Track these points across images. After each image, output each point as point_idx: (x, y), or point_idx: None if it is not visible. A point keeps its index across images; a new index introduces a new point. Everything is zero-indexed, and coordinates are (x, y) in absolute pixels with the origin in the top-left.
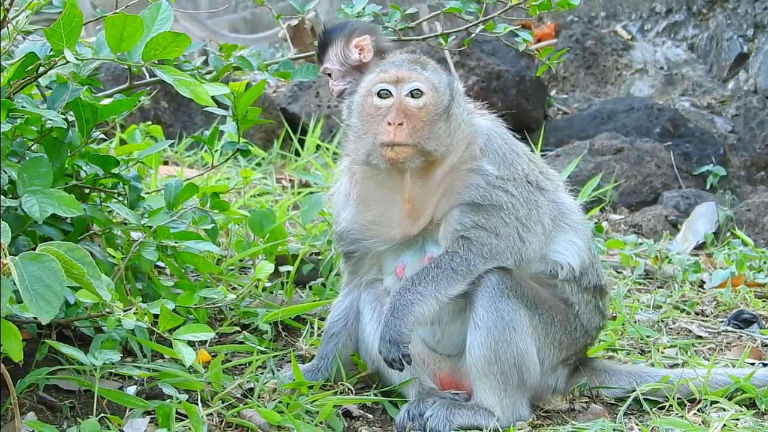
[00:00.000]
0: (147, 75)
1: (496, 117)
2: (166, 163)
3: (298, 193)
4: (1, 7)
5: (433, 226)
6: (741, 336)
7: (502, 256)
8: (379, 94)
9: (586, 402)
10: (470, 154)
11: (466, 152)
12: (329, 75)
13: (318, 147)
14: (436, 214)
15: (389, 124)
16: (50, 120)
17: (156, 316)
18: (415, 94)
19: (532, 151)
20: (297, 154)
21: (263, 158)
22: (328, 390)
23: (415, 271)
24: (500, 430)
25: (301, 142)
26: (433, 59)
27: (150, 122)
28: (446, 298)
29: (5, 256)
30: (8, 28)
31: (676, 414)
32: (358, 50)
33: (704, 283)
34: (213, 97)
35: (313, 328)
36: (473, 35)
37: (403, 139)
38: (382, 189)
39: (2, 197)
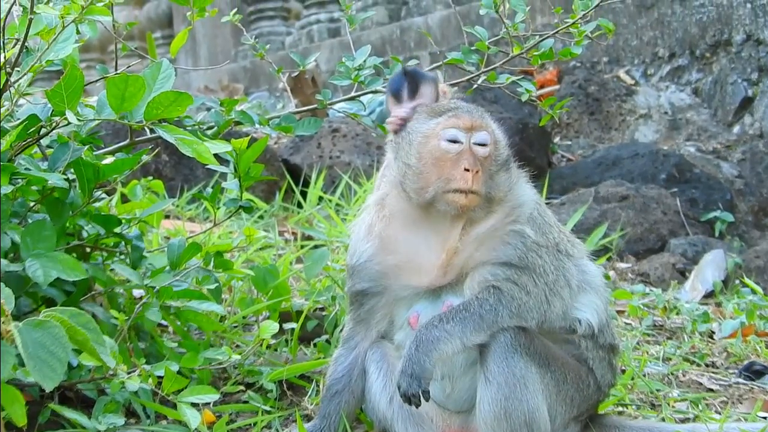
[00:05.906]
0: (148, 131)
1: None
2: (167, 216)
3: (302, 246)
4: (2, 71)
5: (459, 278)
6: (753, 388)
7: (528, 315)
8: (448, 139)
9: None
10: (515, 216)
11: (512, 213)
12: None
13: (320, 199)
14: (466, 266)
15: (466, 170)
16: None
17: (160, 377)
18: (482, 143)
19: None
20: (299, 205)
21: (265, 211)
22: None
23: (440, 313)
24: None
25: (303, 194)
26: None
27: (151, 176)
28: (470, 344)
29: (9, 323)
30: (10, 92)
31: None
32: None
33: (714, 333)
34: (215, 154)
35: (318, 386)
36: (475, 86)
37: (478, 187)
38: (419, 234)
39: (5, 261)
